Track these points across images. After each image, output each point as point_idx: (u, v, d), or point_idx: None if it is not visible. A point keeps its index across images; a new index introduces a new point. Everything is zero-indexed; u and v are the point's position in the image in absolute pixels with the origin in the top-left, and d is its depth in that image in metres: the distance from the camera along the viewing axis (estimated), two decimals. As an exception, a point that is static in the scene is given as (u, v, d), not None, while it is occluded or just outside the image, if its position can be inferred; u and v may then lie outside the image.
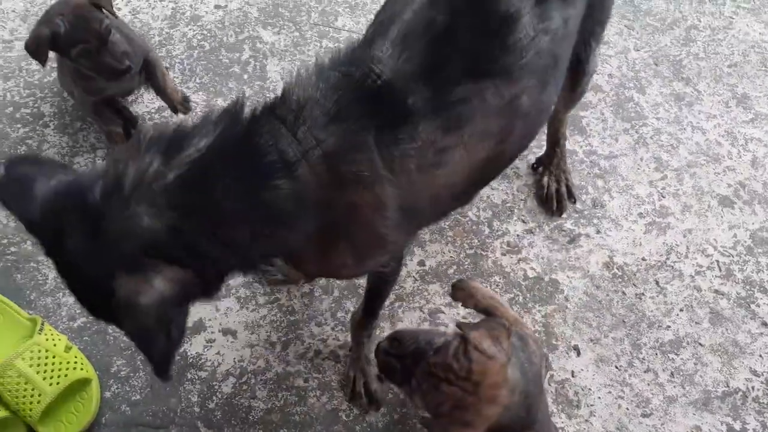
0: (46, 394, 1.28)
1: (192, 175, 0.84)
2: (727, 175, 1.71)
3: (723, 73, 1.92)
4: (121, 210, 0.82)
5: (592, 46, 1.31)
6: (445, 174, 0.99)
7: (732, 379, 1.40)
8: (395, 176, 0.94)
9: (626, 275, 1.53)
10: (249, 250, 0.90)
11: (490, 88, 0.97)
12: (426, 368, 0.98)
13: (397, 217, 0.98)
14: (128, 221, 0.82)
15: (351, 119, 0.91)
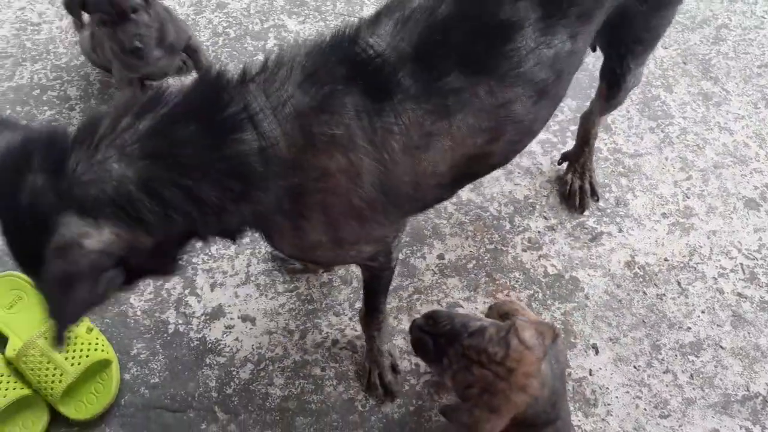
0: (67, 374, 1.29)
1: (161, 127, 0.83)
2: (753, 177, 1.68)
3: (753, 74, 1.89)
4: (90, 155, 0.80)
5: (629, 63, 1.29)
6: (429, 160, 0.98)
7: (752, 383, 1.38)
8: (375, 149, 0.92)
9: (648, 275, 1.52)
10: (216, 211, 0.87)
11: (484, 86, 0.96)
12: (460, 349, 0.98)
13: (375, 194, 0.96)
14: (95, 166, 0.80)
15: (330, 81, 0.90)
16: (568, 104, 1.78)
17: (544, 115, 1.10)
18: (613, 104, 1.45)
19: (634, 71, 1.32)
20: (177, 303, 1.46)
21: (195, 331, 1.43)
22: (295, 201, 0.93)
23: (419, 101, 0.93)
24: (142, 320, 1.44)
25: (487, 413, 0.95)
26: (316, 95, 0.89)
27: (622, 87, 1.35)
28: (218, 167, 0.85)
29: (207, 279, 1.49)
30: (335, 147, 0.90)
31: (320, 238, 0.99)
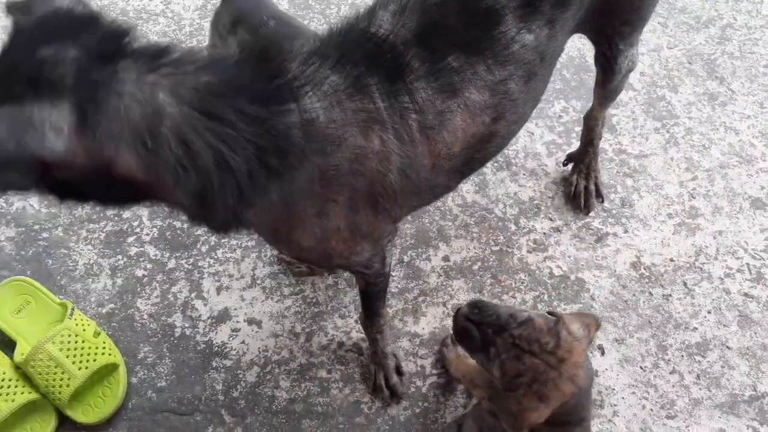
0: (75, 378, 1.30)
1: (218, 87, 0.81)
2: (760, 176, 1.68)
3: (758, 73, 1.88)
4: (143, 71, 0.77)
5: (618, 45, 1.29)
6: (444, 140, 1.01)
7: (759, 383, 1.38)
8: (399, 130, 0.96)
9: (654, 276, 1.52)
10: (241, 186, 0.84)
11: (482, 65, 1.01)
12: (510, 339, 0.97)
13: (396, 180, 0.99)
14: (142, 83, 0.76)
15: (356, 63, 0.93)
16: (573, 105, 1.78)
17: (533, 97, 1.14)
18: (610, 91, 1.43)
19: (624, 53, 1.32)
20: (183, 306, 1.47)
21: (201, 334, 1.44)
22: (328, 183, 0.93)
23: (429, 80, 0.97)
24: (148, 324, 1.45)
25: (536, 402, 0.95)
26: (348, 76, 0.92)
27: (615, 69, 1.35)
28: (260, 140, 0.83)
29: (213, 282, 1.50)
30: (372, 127, 0.93)
31: (339, 224, 1.00)
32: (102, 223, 1.58)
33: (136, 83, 0.76)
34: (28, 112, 0.71)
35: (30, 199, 1.61)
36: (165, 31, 1.93)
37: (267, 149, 0.84)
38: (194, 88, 0.79)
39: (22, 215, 1.59)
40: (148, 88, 0.76)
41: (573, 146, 1.69)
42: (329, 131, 0.90)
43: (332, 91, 0.91)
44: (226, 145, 0.81)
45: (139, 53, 0.79)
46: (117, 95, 0.74)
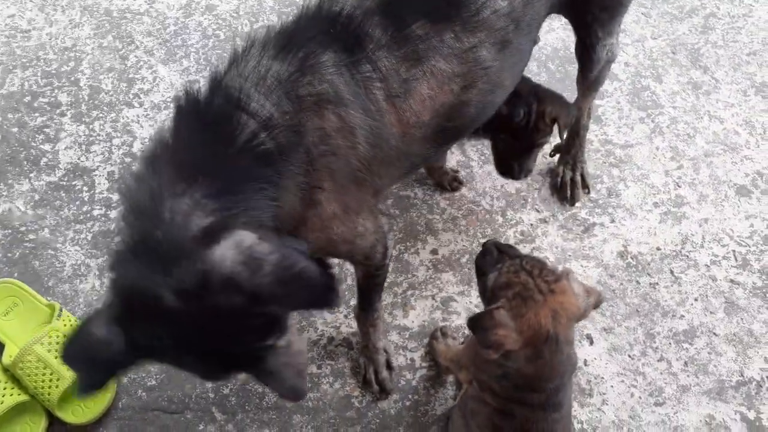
0: (64, 379, 1.30)
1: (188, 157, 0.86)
2: (744, 164, 1.69)
3: (742, 62, 1.89)
4: (163, 217, 0.81)
5: (598, 32, 1.30)
6: (412, 108, 1.01)
7: (746, 369, 1.39)
8: (361, 101, 0.96)
9: (641, 264, 1.52)
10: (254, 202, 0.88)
11: (448, 32, 1.01)
12: (518, 261, 1.03)
13: (369, 151, 0.99)
14: (174, 218, 0.81)
15: (303, 44, 0.93)
16: (558, 97, 1.79)
17: (511, 66, 1.14)
18: (591, 81, 1.44)
19: (603, 41, 1.33)
20: (172, 305, 1.47)
21: (191, 332, 1.44)
22: (307, 171, 0.94)
23: (391, 49, 0.98)
24: (137, 323, 1.44)
25: (510, 318, 0.96)
26: (293, 60, 0.93)
27: (594, 59, 1.36)
28: (240, 161, 0.87)
29: (201, 280, 1.50)
30: (324, 105, 0.94)
31: (333, 209, 1.01)
32: (89, 224, 1.57)
33: (175, 207, 0.84)
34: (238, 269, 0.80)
35: (16, 201, 1.61)
36: (149, 30, 1.93)
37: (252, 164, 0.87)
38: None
39: (9, 217, 1.59)
40: (177, 209, 0.83)
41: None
42: (287, 122, 0.90)
43: (276, 84, 0.91)
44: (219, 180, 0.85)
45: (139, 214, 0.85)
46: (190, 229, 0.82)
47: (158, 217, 0.81)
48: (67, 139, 1.71)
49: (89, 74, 1.83)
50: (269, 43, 0.94)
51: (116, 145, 1.70)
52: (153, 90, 1.80)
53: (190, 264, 0.78)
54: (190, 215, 0.81)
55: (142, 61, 1.87)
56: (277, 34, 0.96)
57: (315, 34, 0.95)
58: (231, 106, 0.89)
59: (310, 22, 0.97)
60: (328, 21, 0.97)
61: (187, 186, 0.83)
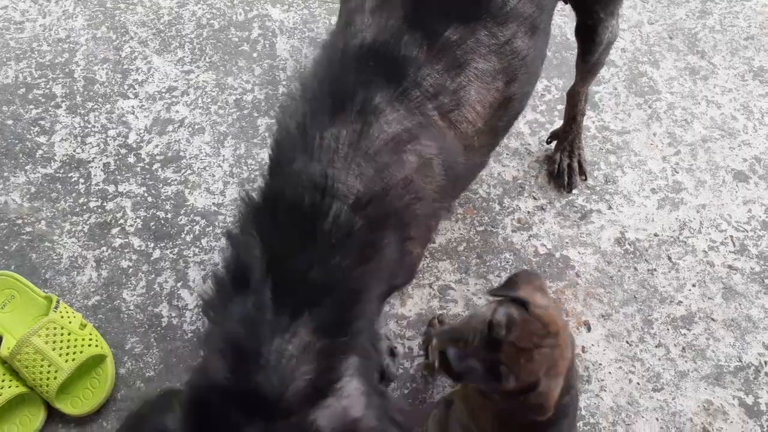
0: (62, 370, 1.30)
1: (277, 267, 0.81)
2: (742, 149, 1.68)
3: (739, 46, 1.88)
4: (267, 366, 0.76)
5: (599, 13, 1.29)
6: (467, 119, 0.96)
7: (744, 354, 1.39)
8: (424, 129, 0.91)
9: (638, 251, 1.52)
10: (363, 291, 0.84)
11: (481, 29, 0.96)
12: (511, 348, 0.92)
13: (444, 180, 0.95)
14: (281, 369, 0.76)
15: (351, 93, 0.87)
16: (555, 83, 1.78)
17: (540, 51, 1.10)
18: (592, 65, 1.42)
19: (605, 22, 1.31)
20: (170, 296, 1.47)
21: (189, 323, 1.44)
22: (399, 231, 0.90)
23: (432, 64, 0.92)
24: (135, 315, 1.45)
25: (555, 380, 0.94)
26: (350, 116, 0.86)
27: (596, 40, 1.34)
28: (340, 262, 0.81)
29: (199, 271, 1.50)
30: (397, 148, 0.88)
31: (419, 252, 0.99)
32: (85, 216, 1.57)
33: (272, 363, 0.77)
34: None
35: (12, 194, 1.60)
36: (143, 21, 1.92)
37: (340, 252, 0.82)
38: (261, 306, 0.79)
39: (5, 210, 1.58)
40: (276, 379, 0.76)
41: (556, 124, 1.69)
42: (373, 189, 0.85)
43: (349, 150, 0.84)
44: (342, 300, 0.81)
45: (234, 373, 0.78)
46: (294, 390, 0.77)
47: (259, 359, 0.75)
48: (62, 131, 1.71)
49: (83, 65, 1.82)
50: (316, 110, 0.87)
51: (112, 136, 1.70)
52: (148, 81, 1.80)
53: (293, 427, 0.75)
54: (298, 363, 0.75)
55: (136, 51, 1.86)
56: (317, 95, 0.89)
57: (356, 80, 0.88)
58: (318, 194, 0.82)
59: (342, 67, 0.90)
60: (359, 59, 0.90)
61: (291, 319, 0.77)
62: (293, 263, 0.80)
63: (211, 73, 1.80)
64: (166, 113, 1.73)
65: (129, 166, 1.64)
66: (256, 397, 0.75)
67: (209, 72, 1.81)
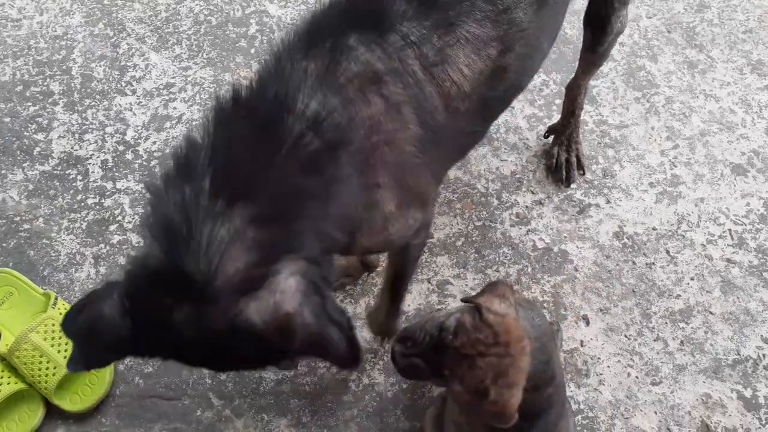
0: (61, 367, 1.30)
1: (225, 161, 0.81)
2: (740, 143, 1.68)
3: (738, 40, 1.88)
4: (198, 249, 0.75)
5: (615, 3, 1.28)
6: (451, 78, 0.96)
7: (743, 347, 1.39)
8: (399, 76, 0.91)
9: (636, 245, 1.52)
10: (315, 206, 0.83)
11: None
12: (454, 354, 0.95)
13: (419, 130, 0.94)
14: (212, 254, 0.75)
15: (328, 34, 0.89)
16: (553, 78, 1.78)
17: (549, 29, 1.09)
18: (599, 55, 1.41)
19: (618, 11, 1.30)
20: (168, 292, 1.47)
21: (187, 319, 1.44)
22: (362, 169, 0.89)
23: (419, 19, 0.93)
24: (133, 311, 1.44)
25: (509, 390, 0.94)
26: (323, 52, 0.88)
27: (607, 30, 1.33)
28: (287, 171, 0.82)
29: (197, 267, 1.50)
30: (366, 88, 0.89)
31: (390, 208, 0.96)
32: (83, 213, 1.57)
33: (209, 252, 0.76)
34: (267, 321, 0.77)
35: (9, 191, 1.60)
36: (140, 17, 1.91)
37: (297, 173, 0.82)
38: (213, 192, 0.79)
39: (3, 207, 1.58)
40: (214, 249, 0.76)
41: (554, 119, 1.69)
42: (336, 119, 0.86)
43: (316, 82, 0.86)
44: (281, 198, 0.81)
45: (171, 245, 0.78)
46: (230, 269, 0.77)
47: (190, 242, 0.75)
48: (60, 128, 1.71)
49: (81, 62, 1.82)
50: (295, 46, 0.90)
51: (109, 133, 1.70)
52: (145, 77, 1.79)
53: (219, 312, 0.75)
54: (228, 248, 0.75)
55: (133, 48, 1.85)
56: (299, 35, 0.92)
57: (335, 22, 0.91)
58: (277, 108, 0.84)
59: (326, 12, 0.94)
60: (343, 8, 0.93)
61: (227, 206, 0.77)
62: (238, 160, 0.81)
63: (209, 70, 1.80)
64: (164, 110, 1.73)
65: (127, 163, 1.64)
66: (185, 281, 0.74)
67: (207, 68, 1.81)
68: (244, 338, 0.76)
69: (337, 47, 0.89)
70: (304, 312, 0.76)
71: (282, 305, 0.75)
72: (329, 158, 0.85)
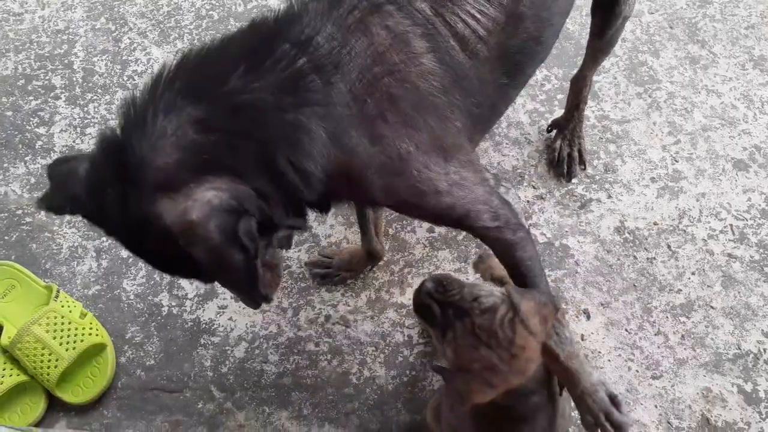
0: (62, 359, 1.30)
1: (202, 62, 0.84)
2: (742, 138, 1.68)
3: (740, 35, 1.87)
4: (143, 133, 0.78)
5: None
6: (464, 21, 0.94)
7: (744, 342, 1.39)
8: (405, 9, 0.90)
9: (638, 239, 1.52)
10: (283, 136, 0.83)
11: None
12: (469, 326, 0.94)
13: (436, 66, 0.92)
14: (152, 141, 0.78)
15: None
16: (554, 73, 1.78)
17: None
18: (607, 40, 1.39)
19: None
20: (169, 285, 1.47)
21: (188, 312, 1.44)
22: (363, 102, 0.87)
23: None
24: (135, 304, 1.45)
25: (485, 387, 0.94)
26: None
27: (615, 11, 1.31)
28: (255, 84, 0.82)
29: (198, 261, 1.50)
30: (368, 20, 0.88)
31: (406, 146, 0.90)
32: (85, 206, 1.57)
33: (150, 143, 0.79)
34: (176, 222, 0.80)
35: (12, 185, 1.61)
36: (142, 12, 1.91)
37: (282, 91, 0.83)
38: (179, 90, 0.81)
39: (5, 200, 1.58)
40: (155, 143, 0.79)
41: (555, 114, 1.69)
42: (333, 46, 0.85)
43: (318, 14, 0.87)
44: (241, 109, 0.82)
45: (128, 128, 0.82)
46: (161, 160, 0.81)
47: (144, 126, 0.79)
48: (61, 122, 1.71)
49: (83, 57, 1.82)
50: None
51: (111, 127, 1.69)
52: (147, 72, 1.80)
53: (138, 199, 0.78)
54: (164, 142, 0.78)
55: (135, 42, 1.86)
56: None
57: None
58: (275, 33, 0.85)
59: None
60: None
61: (182, 101, 0.79)
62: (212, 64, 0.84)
63: (211, 64, 1.80)
64: (166, 104, 1.73)
65: (129, 157, 1.64)
66: (124, 159, 0.78)
67: (208, 63, 1.80)
68: (155, 232, 0.78)
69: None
70: (209, 224, 0.76)
71: (189, 211, 0.76)
72: (319, 82, 0.84)
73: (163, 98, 0.80)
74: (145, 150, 0.78)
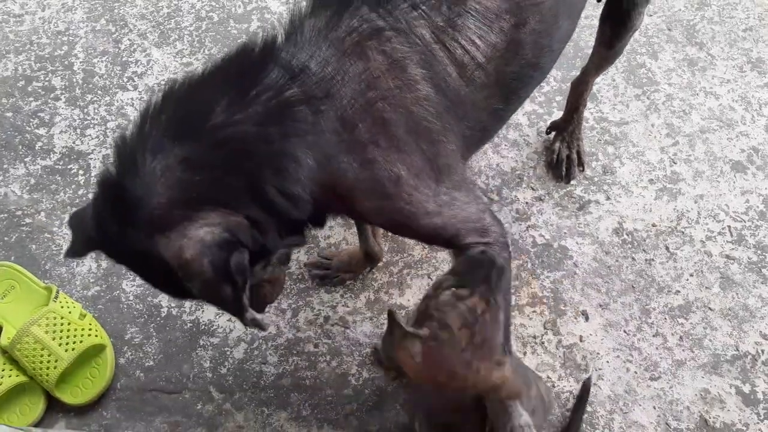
0: (62, 360, 1.31)
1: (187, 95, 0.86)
2: (740, 140, 1.69)
3: (738, 38, 1.88)
4: (136, 174, 0.82)
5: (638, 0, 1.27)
6: (462, 46, 0.94)
7: (741, 343, 1.39)
8: (404, 36, 0.90)
9: (636, 241, 1.53)
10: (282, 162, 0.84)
11: None
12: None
13: (431, 92, 0.92)
14: (145, 182, 0.82)
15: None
16: (553, 75, 1.78)
17: (568, 3, 1.07)
18: (616, 51, 1.40)
19: (640, 7, 1.29)
20: (169, 287, 1.47)
21: (188, 313, 1.44)
22: (354, 126, 0.88)
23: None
24: (134, 305, 1.45)
25: None
26: (326, 11, 0.89)
27: (627, 25, 1.31)
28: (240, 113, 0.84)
29: (198, 262, 1.50)
30: (365, 44, 0.88)
31: (397, 170, 0.91)
32: (85, 207, 1.57)
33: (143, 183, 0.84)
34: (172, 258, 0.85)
35: (11, 186, 1.61)
36: (142, 13, 1.92)
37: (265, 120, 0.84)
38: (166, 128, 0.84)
39: (5, 201, 1.59)
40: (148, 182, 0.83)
41: (554, 116, 1.69)
42: (327, 72, 0.86)
43: (314, 33, 0.87)
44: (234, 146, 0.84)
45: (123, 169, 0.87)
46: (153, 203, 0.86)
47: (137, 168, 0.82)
48: (61, 123, 1.71)
49: (83, 58, 1.83)
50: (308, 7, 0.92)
51: (111, 128, 1.70)
52: (147, 73, 1.80)
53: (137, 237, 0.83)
54: (156, 182, 0.81)
55: (135, 44, 1.86)
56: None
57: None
58: (264, 56, 0.86)
59: None
60: None
61: (170, 141, 0.82)
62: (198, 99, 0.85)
63: (210, 66, 1.80)
64: (165, 105, 1.73)
65: (128, 158, 1.65)
66: (122, 200, 0.83)
67: (208, 64, 1.81)
68: (158, 265, 0.83)
69: (343, 5, 0.89)
70: (204, 262, 0.80)
71: (184, 250, 0.80)
72: (307, 110, 0.85)
73: (150, 138, 0.83)
74: (139, 191, 0.82)
